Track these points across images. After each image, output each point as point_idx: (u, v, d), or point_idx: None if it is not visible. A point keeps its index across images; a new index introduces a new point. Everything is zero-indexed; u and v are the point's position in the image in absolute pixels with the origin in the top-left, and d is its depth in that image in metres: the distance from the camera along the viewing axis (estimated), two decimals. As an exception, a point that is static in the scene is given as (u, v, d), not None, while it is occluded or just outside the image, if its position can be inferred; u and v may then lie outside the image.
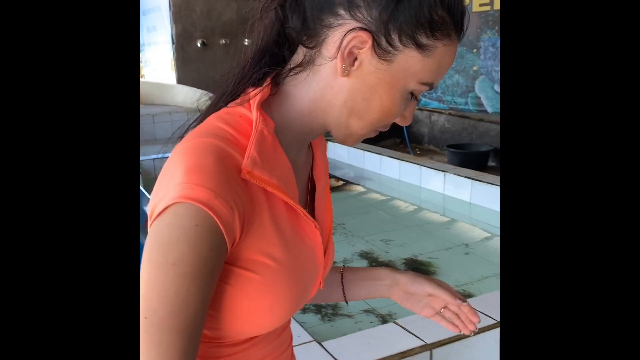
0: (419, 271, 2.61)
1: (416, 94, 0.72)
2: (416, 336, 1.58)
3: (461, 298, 0.91)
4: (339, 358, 1.46)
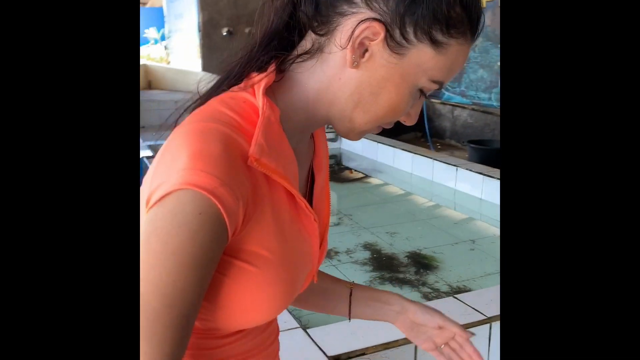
0: (421, 265, 2.60)
1: (425, 92, 0.69)
2: (401, 328, 1.57)
3: (469, 332, 0.90)
4: (322, 346, 1.47)
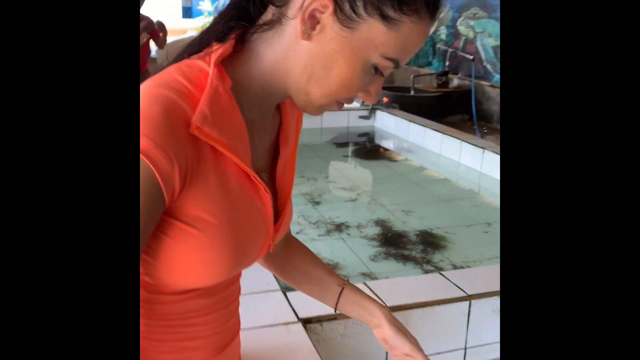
0: (430, 244, 2.60)
1: (381, 69, 0.69)
2: (379, 297, 1.60)
3: None
4: (297, 309, 1.51)
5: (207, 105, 0.65)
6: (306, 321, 1.47)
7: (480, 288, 1.68)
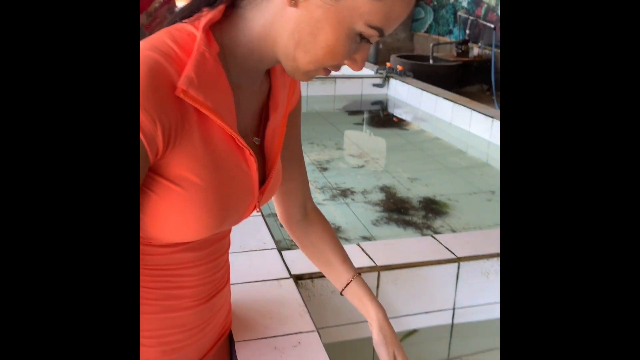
0: (432, 210, 2.64)
1: (367, 37, 0.70)
2: (370, 257, 1.66)
3: None
4: (290, 266, 1.57)
5: (193, 69, 0.67)
6: (298, 277, 1.53)
7: (470, 251, 1.73)
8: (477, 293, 1.73)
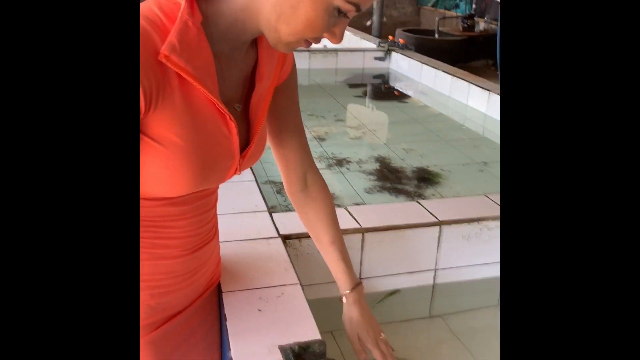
0: (424, 180, 2.72)
1: (344, 12, 0.74)
2: (355, 219, 1.75)
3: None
4: (280, 227, 1.66)
5: (176, 36, 0.73)
6: (286, 237, 1.62)
7: (452, 216, 1.81)
8: (458, 255, 1.82)
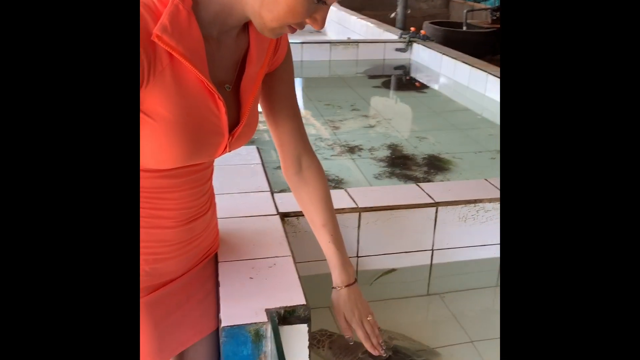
0: (434, 166, 2.76)
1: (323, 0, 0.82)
2: (352, 199, 1.81)
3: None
4: (279, 205, 1.73)
5: (168, 19, 0.80)
6: (284, 215, 1.69)
7: (449, 197, 1.85)
8: (455, 236, 1.86)
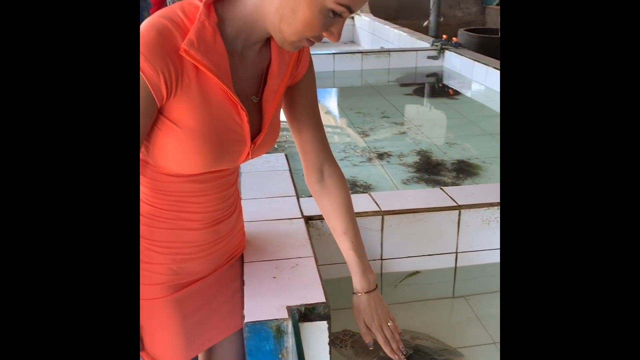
0: (463, 171, 2.76)
1: (338, 13, 0.85)
2: (376, 203, 1.84)
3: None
4: (304, 209, 1.77)
5: (195, 34, 0.86)
6: (309, 218, 1.74)
7: (472, 201, 1.87)
8: (479, 239, 1.87)
